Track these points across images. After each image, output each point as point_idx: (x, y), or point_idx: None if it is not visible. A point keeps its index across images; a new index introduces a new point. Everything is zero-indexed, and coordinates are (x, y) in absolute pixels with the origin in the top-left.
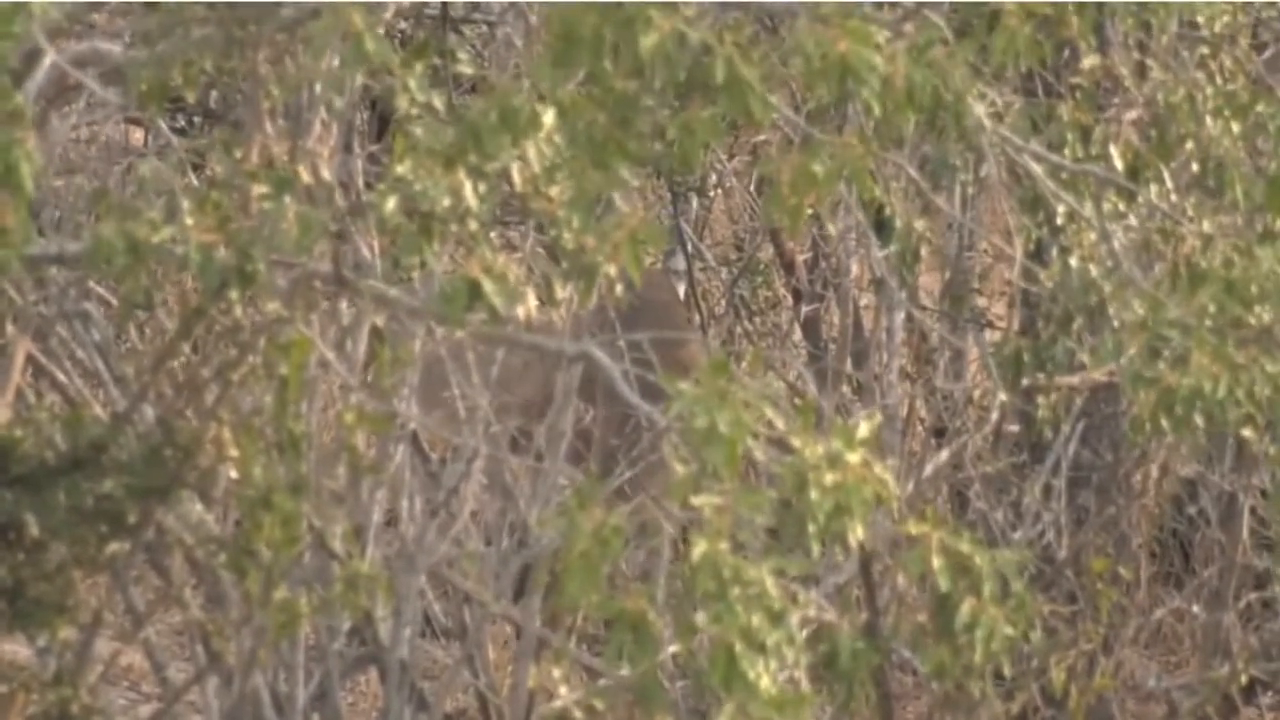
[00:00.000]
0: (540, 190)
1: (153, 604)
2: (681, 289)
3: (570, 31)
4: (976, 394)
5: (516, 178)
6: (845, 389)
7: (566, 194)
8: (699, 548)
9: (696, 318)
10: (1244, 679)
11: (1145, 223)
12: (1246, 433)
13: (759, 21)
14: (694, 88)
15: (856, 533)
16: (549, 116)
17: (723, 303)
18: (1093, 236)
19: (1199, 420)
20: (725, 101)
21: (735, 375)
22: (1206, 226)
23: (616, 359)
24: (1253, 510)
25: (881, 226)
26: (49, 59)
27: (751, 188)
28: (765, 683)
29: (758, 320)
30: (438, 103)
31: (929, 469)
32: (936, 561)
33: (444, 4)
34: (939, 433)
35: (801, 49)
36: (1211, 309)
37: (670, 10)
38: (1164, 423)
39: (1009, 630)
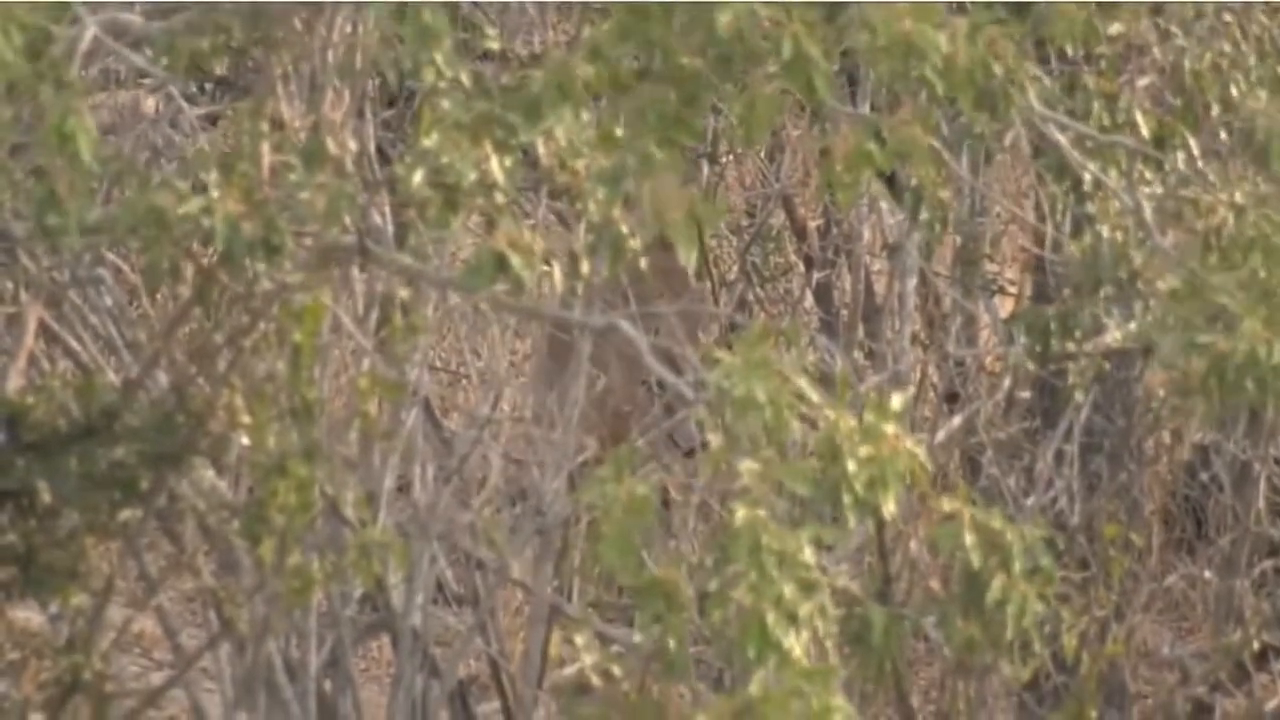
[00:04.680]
0: (567, 164)
1: (165, 571)
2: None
3: (640, 6)
4: (989, 360)
5: (542, 151)
6: (857, 355)
7: (594, 168)
8: (739, 515)
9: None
10: (1256, 646)
11: (1172, 190)
12: None
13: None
14: (752, 65)
15: (889, 505)
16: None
17: (735, 269)
18: (1117, 204)
19: (1251, 387)
20: (788, 77)
21: (772, 346)
22: (1238, 197)
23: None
24: (1269, 478)
25: (894, 190)
26: (90, 32)
27: (762, 155)
28: (797, 653)
29: (769, 287)
30: (464, 77)
31: (941, 435)
32: (969, 538)
33: None
34: (951, 398)
35: (867, 26)
36: (1262, 275)
37: None
38: (1214, 389)
39: (1039, 607)
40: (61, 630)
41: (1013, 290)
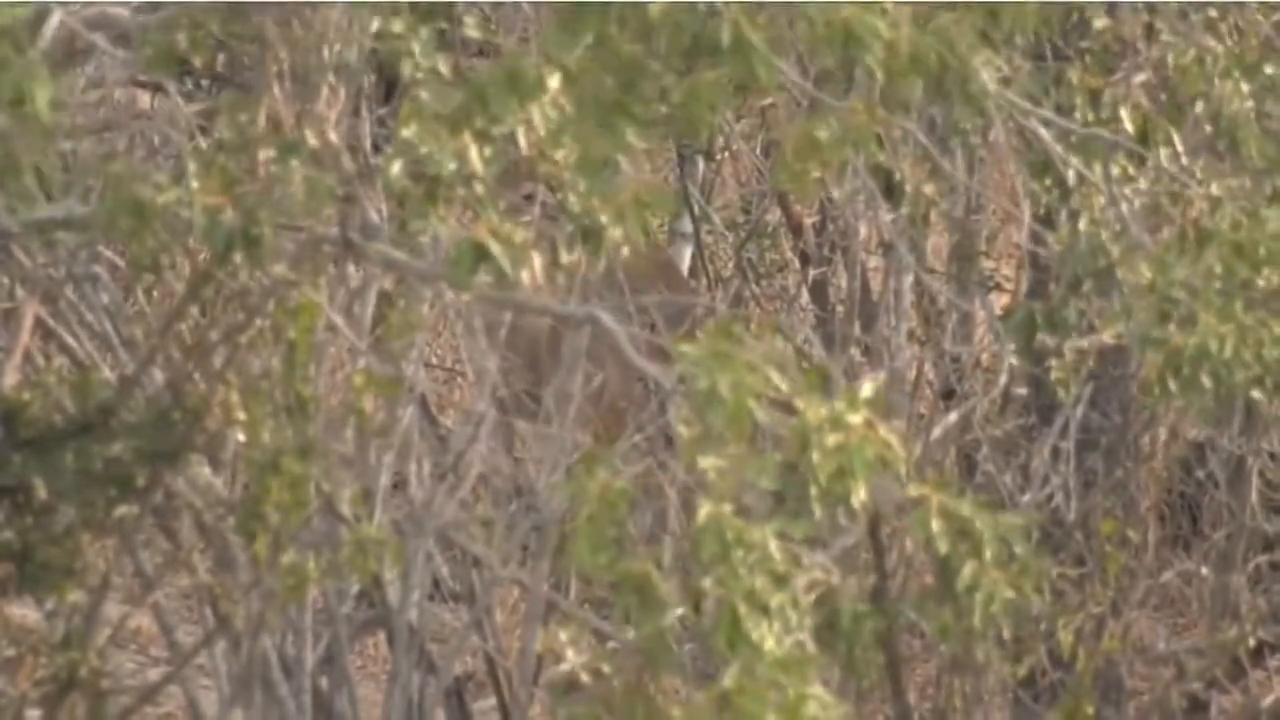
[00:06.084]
0: (546, 154)
1: (161, 567)
2: (689, 252)
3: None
4: (984, 357)
5: (522, 141)
6: (854, 352)
7: (572, 158)
8: (704, 510)
9: (703, 281)
10: (1252, 641)
11: (1154, 186)
12: (1256, 394)
13: None
14: (701, 52)
15: (859, 495)
16: (555, 80)
17: (730, 266)
18: (1102, 200)
19: (1206, 381)
20: (731, 64)
21: (739, 337)
22: (1215, 189)
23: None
24: (1261, 473)
25: (890, 190)
26: (56, 19)
27: (759, 151)
28: (770, 644)
29: (765, 283)
30: (443, 67)
31: (937, 432)
32: (936, 524)
33: None
34: (947, 395)
35: (805, 13)
36: (1219, 270)
37: None
38: (1171, 384)
39: (1009, 593)
40: (57, 627)
41: (1009, 286)
